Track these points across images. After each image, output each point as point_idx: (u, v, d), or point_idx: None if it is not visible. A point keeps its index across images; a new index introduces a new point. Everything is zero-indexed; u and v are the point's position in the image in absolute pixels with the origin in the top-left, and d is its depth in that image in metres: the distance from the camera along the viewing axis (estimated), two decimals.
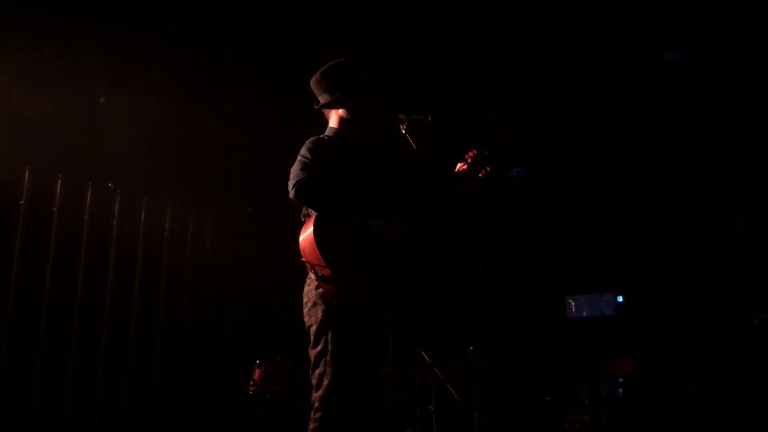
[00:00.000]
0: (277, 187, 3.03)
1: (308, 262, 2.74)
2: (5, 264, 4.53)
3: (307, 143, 2.95)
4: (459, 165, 3.19)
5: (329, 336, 2.74)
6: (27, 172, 4.69)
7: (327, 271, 2.67)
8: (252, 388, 5.06)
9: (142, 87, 4.96)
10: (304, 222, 2.85)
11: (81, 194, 5.06)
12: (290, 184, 2.80)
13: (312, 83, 3.12)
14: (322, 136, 3.06)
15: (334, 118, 3.12)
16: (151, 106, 5.01)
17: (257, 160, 6.03)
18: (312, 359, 2.79)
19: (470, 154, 3.17)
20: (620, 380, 5.57)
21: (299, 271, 2.89)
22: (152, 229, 5.58)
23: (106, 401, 5.00)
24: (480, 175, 3.14)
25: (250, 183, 6.22)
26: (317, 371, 2.74)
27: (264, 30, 5.33)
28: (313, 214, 2.81)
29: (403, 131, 3.11)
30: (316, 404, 2.72)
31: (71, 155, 4.77)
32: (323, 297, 2.78)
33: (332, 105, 3.09)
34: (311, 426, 2.72)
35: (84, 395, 4.87)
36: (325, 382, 2.70)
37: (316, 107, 3.15)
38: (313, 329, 2.80)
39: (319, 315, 2.78)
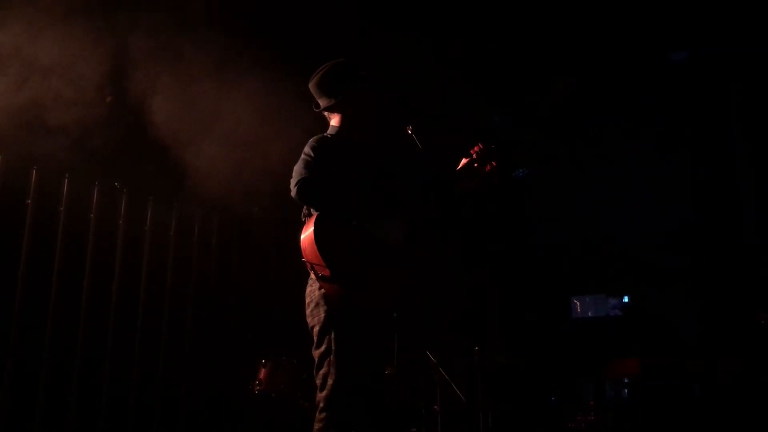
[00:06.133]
0: (283, 187, 3.02)
1: (309, 262, 2.73)
2: (12, 262, 4.55)
3: (311, 141, 2.93)
4: (464, 160, 3.13)
5: (332, 336, 2.73)
6: (34, 172, 4.71)
7: (326, 272, 2.66)
8: (257, 388, 5.08)
9: (146, 88, 4.96)
10: (305, 222, 2.85)
11: (87, 193, 5.08)
12: (292, 182, 2.79)
13: (311, 87, 3.09)
14: (325, 134, 3.05)
15: (336, 118, 3.10)
16: (159, 105, 5.02)
17: (263, 160, 6.03)
18: (316, 360, 2.78)
19: (476, 149, 3.10)
20: (625, 381, 5.56)
21: (304, 270, 2.88)
22: (158, 228, 5.59)
23: (112, 399, 5.01)
24: (486, 170, 3.08)
25: (255, 183, 6.22)
26: (321, 371, 2.74)
27: (265, 31, 5.33)
28: (315, 213, 2.81)
29: (409, 131, 3.10)
30: (321, 404, 2.72)
31: (77, 154, 4.78)
32: (325, 297, 2.77)
33: (333, 108, 3.08)
34: (316, 426, 2.71)
35: (90, 393, 4.89)
36: (330, 382, 2.69)
37: (316, 110, 3.14)
38: (315, 330, 2.80)
39: (322, 315, 2.77)
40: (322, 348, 2.75)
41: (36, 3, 4.38)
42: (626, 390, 5.63)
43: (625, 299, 6.50)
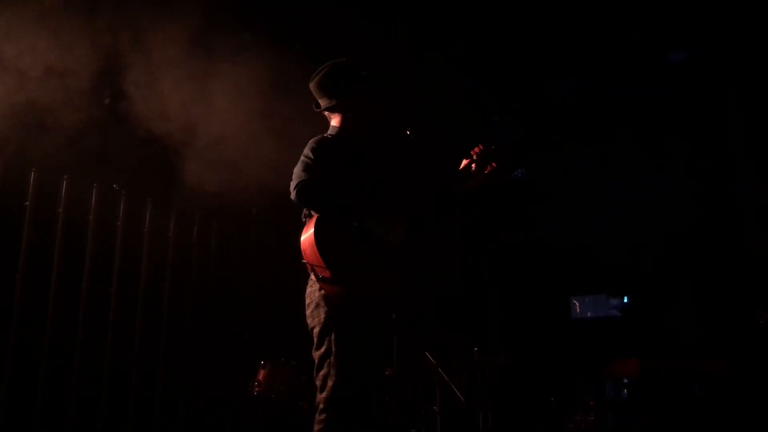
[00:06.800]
0: (282, 188, 3.02)
1: (309, 263, 2.73)
2: (11, 264, 4.54)
3: (311, 143, 2.93)
4: (464, 161, 3.17)
5: (332, 337, 2.73)
6: (33, 174, 4.71)
7: (326, 273, 2.66)
8: (257, 389, 5.07)
9: (145, 88, 4.96)
10: (306, 223, 2.84)
11: (86, 195, 5.07)
12: (292, 185, 2.79)
13: (312, 86, 3.10)
14: (325, 135, 3.05)
15: (336, 118, 3.10)
16: (157, 106, 5.02)
17: (263, 160, 6.02)
18: (316, 361, 2.78)
19: (476, 150, 3.13)
20: (625, 381, 5.56)
21: (304, 272, 2.88)
22: (157, 229, 5.59)
23: (111, 401, 5.01)
24: (486, 172, 3.11)
25: (255, 183, 6.21)
26: (321, 373, 2.74)
27: (266, 32, 5.33)
28: (315, 214, 2.80)
29: (408, 132, 3.10)
30: (321, 406, 2.72)
31: (76, 156, 4.78)
32: (325, 299, 2.77)
33: (334, 109, 3.08)
34: (316, 427, 2.71)
35: (89, 395, 4.89)
36: (330, 383, 2.69)
37: (317, 110, 3.13)
38: (315, 331, 2.79)
39: (322, 317, 2.77)
40: (322, 349, 2.75)
41: (34, 4, 4.38)
42: (626, 390, 5.63)
43: (625, 299, 6.50)
